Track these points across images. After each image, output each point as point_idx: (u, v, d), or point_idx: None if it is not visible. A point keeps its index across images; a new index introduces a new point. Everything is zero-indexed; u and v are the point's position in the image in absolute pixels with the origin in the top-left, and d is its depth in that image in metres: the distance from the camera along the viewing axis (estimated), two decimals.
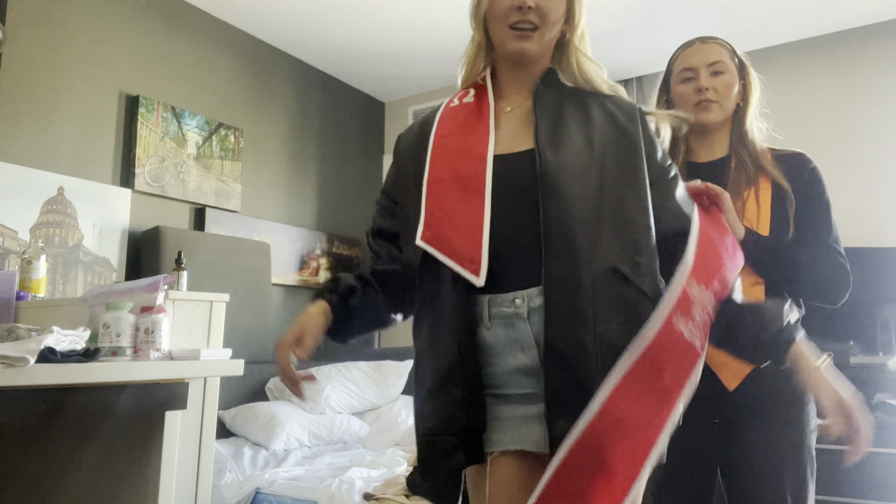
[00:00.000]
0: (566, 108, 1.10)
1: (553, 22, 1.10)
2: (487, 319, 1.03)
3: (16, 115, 2.67)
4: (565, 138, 1.05)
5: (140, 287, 1.71)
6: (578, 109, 1.10)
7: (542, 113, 1.08)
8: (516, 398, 1.02)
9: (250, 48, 3.72)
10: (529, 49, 1.10)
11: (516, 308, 1.01)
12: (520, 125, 1.11)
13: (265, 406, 2.95)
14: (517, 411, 1.02)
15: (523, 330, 1.01)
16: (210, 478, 1.84)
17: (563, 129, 1.07)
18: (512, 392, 1.03)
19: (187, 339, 1.81)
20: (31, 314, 2.04)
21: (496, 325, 1.03)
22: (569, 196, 1.00)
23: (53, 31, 2.82)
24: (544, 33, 1.10)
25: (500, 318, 1.03)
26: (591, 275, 0.97)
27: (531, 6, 1.07)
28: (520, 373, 1.02)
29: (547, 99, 1.11)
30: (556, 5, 1.10)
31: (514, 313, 1.01)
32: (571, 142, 1.05)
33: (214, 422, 1.86)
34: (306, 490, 2.22)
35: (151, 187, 3.09)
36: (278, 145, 3.87)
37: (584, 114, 1.10)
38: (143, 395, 1.57)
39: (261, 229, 3.63)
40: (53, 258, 2.69)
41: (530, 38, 1.09)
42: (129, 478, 1.72)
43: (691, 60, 1.52)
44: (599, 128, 1.08)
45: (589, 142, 1.06)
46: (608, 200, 1.02)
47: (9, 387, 1.29)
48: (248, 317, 3.24)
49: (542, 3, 1.08)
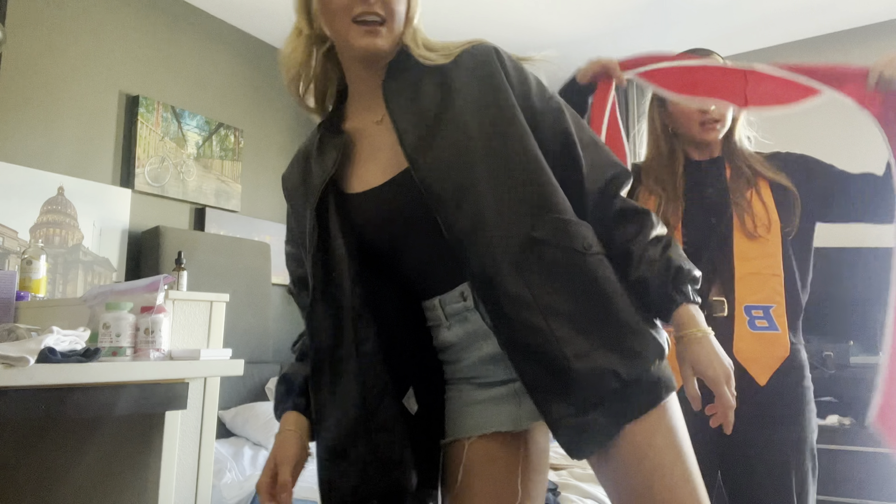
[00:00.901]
0: (420, 88, 0.98)
1: (400, 14, 0.98)
2: (445, 319, 1.01)
3: (16, 115, 2.67)
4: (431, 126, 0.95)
5: (140, 287, 1.71)
6: (433, 85, 0.98)
7: (398, 109, 0.97)
8: (489, 384, 1.01)
9: (250, 48, 3.72)
10: (382, 45, 0.96)
11: (465, 302, 0.98)
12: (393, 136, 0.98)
13: (265, 406, 2.95)
14: (486, 394, 1.01)
15: (477, 321, 0.98)
16: (210, 478, 1.84)
17: (425, 115, 0.96)
18: (485, 380, 1.01)
19: (187, 339, 1.81)
20: (31, 314, 2.04)
21: (454, 322, 1.01)
22: (455, 197, 0.91)
23: (53, 31, 2.82)
24: (392, 27, 0.97)
25: (455, 314, 1.00)
26: (511, 256, 0.90)
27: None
28: (489, 361, 0.99)
29: (397, 93, 0.99)
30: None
31: (465, 307, 0.98)
32: (439, 126, 0.95)
33: (214, 422, 1.86)
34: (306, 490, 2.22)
35: (151, 187, 3.09)
36: (278, 145, 3.87)
37: (443, 83, 0.98)
38: (143, 395, 1.57)
39: (261, 229, 3.63)
40: (53, 258, 2.69)
41: (379, 33, 0.96)
42: (129, 478, 1.72)
43: None
44: (463, 94, 0.96)
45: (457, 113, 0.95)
46: (496, 172, 0.93)
47: (9, 387, 1.29)
48: (248, 317, 3.24)
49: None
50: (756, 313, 1.41)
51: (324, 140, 1.04)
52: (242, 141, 3.60)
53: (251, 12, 3.50)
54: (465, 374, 1.03)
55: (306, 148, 1.10)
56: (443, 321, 1.02)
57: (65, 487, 1.85)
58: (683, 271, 0.95)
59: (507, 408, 0.99)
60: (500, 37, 3.72)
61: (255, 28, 3.68)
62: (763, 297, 1.42)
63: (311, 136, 1.10)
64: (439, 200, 0.92)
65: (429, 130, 0.94)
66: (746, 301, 1.42)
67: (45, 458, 1.91)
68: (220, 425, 2.69)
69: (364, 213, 0.99)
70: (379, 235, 0.99)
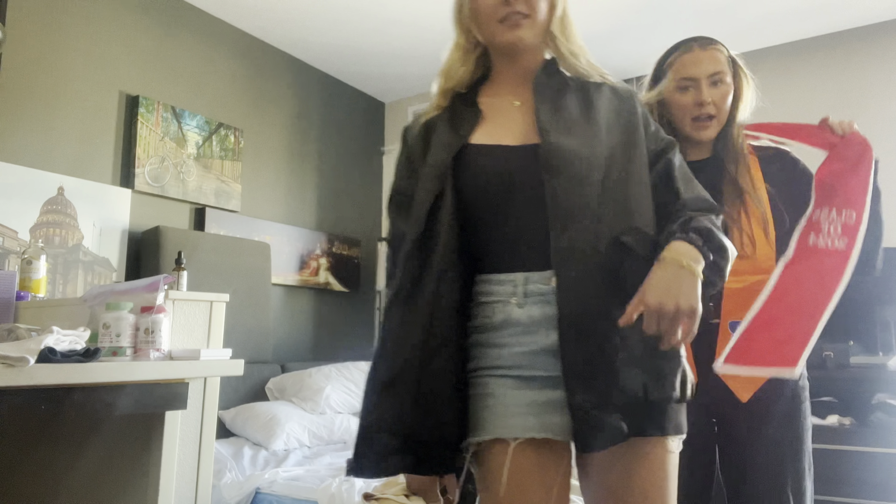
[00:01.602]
0: (566, 93, 1.11)
1: (542, 9, 1.08)
2: (523, 296, 1.02)
3: (16, 115, 2.67)
4: (566, 121, 1.06)
5: (140, 287, 1.71)
6: (578, 94, 1.11)
7: (542, 100, 1.09)
8: (538, 381, 1.00)
9: (250, 48, 3.72)
10: (524, 36, 1.08)
11: (552, 286, 1.00)
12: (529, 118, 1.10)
13: (265, 406, 2.95)
14: (539, 396, 0.99)
15: (553, 309, 1.00)
16: (210, 478, 1.84)
17: (563, 113, 1.07)
18: (533, 374, 1.01)
19: (187, 339, 1.81)
20: (31, 314, 2.04)
21: (531, 302, 1.02)
22: (568, 175, 1.01)
23: (53, 31, 2.82)
24: (535, 20, 1.08)
25: (536, 294, 1.02)
26: (597, 248, 0.99)
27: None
28: (547, 353, 1.00)
29: (546, 87, 1.11)
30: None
31: (551, 290, 1.00)
32: (573, 124, 1.06)
33: (214, 422, 1.86)
34: (306, 490, 2.22)
35: (151, 187, 3.09)
36: (278, 145, 3.87)
37: (585, 98, 1.11)
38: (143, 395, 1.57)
39: (261, 229, 3.63)
40: (53, 258, 2.69)
41: (521, 25, 1.07)
42: (129, 478, 1.72)
43: (692, 70, 1.46)
44: (601, 112, 1.09)
45: (591, 124, 1.07)
46: (612, 179, 1.03)
47: (9, 387, 1.29)
48: (248, 317, 3.24)
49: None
50: None
51: (457, 109, 1.14)
52: (242, 141, 3.60)
53: (251, 12, 3.50)
54: (506, 362, 1.02)
55: (432, 112, 1.18)
56: (517, 298, 1.03)
57: (65, 487, 1.85)
58: (702, 227, 1.00)
59: (559, 417, 0.98)
60: None
61: (255, 28, 3.68)
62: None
63: (436, 104, 1.19)
64: (555, 172, 1.01)
65: (564, 125, 1.06)
66: (732, 317, 1.39)
67: (45, 458, 1.91)
68: (220, 425, 2.69)
69: (488, 159, 1.06)
70: (491, 188, 1.05)
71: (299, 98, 4.03)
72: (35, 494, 1.90)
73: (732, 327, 1.39)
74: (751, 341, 1.29)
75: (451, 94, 1.16)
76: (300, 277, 3.87)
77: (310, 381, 3.16)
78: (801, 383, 1.44)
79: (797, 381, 1.43)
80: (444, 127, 1.12)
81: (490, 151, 1.07)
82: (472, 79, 1.17)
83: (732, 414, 1.41)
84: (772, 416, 1.40)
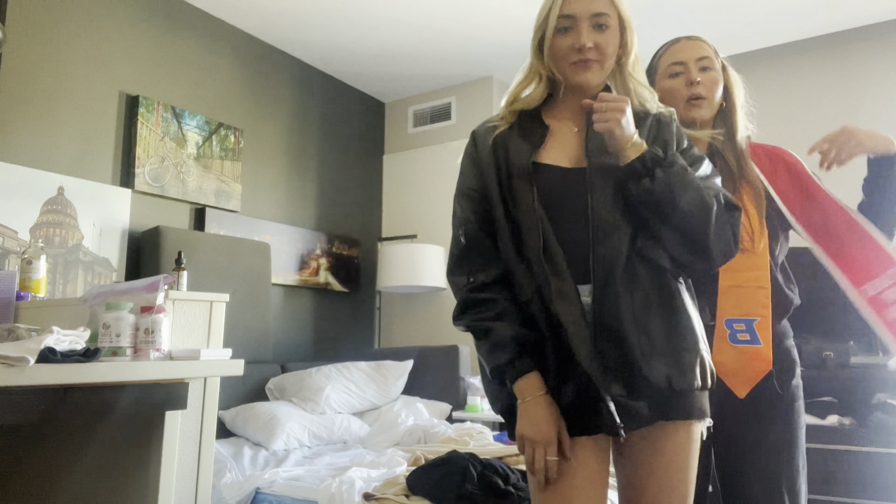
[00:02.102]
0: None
1: (610, 54, 1.23)
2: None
3: (16, 115, 2.67)
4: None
5: (140, 287, 1.71)
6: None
7: (594, 136, 1.22)
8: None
9: (250, 48, 3.72)
10: (591, 80, 1.23)
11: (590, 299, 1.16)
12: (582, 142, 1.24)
13: (265, 406, 2.95)
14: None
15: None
16: (210, 478, 1.84)
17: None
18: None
19: (187, 339, 1.81)
20: (31, 314, 2.04)
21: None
22: (610, 191, 1.16)
23: (53, 31, 2.82)
24: (604, 65, 1.23)
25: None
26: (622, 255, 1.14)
27: (590, 46, 1.19)
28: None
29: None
30: (611, 39, 1.22)
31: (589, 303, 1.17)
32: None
33: (214, 422, 1.86)
34: (306, 490, 2.22)
35: (151, 187, 3.09)
36: (278, 145, 3.87)
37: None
38: (143, 395, 1.57)
39: (261, 229, 3.63)
40: (53, 258, 2.69)
41: (591, 68, 1.22)
42: (129, 478, 1.72)
43: (680, 55, 1.51)
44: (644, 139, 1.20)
45: None
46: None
47: (9, 387, 1.30)
48: (248, 317, 3.24)
49: (599, 40, 1.20)
50: (738, 327, 1.39)
51: (525, 125, 1.27)
52: (242, 141, 3.60)
53: (251, 12, 3.50)
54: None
55: (502, 126, 1.29)
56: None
57: (65, 487, 1.85)
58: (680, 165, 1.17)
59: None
60: (501, 36, 3.73)
61: (255, 28, 3.68)
62: (746, 310, 1.39)
63: (506, 119, 1.30)
64: (598, 190, 1.17)
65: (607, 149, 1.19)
66: (728, 315, 1.39)
67: (45, 458, 1.91)
68: (220, 425, 2.69)
69: (548, 180, 1.20)
70: (549, 204, 1.18)
71: (299, 98, 4.03)
72: (35, 494, 1.90)
73: (728, 325, 1.40)
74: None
75: (518, 111, 1.29)
76: (300, 277, 3.87)
77: (310, 381, 3.16)
78: (795, 383, 1.44)
79: (791, 381, 1.43)
80: (517, 142, 1.25)
81: (549, 171, 1.21)
82: (541, 101, 1.29)
83: (727, 414, 1.41)
84: (766, 415, 1.40)
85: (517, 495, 1.95)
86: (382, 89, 4.52)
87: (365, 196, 4.49)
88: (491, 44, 3.82)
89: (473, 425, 3.00)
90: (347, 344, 4.15)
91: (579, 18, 1.20)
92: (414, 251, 3.97)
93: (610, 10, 1.22)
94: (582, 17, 1.20)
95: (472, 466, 2.03)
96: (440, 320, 4.24)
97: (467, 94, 4.37)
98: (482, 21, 3.53)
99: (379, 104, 4.69)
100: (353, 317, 4.26)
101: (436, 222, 4.32)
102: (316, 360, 3.71)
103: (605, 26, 1.21)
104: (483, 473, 2.01)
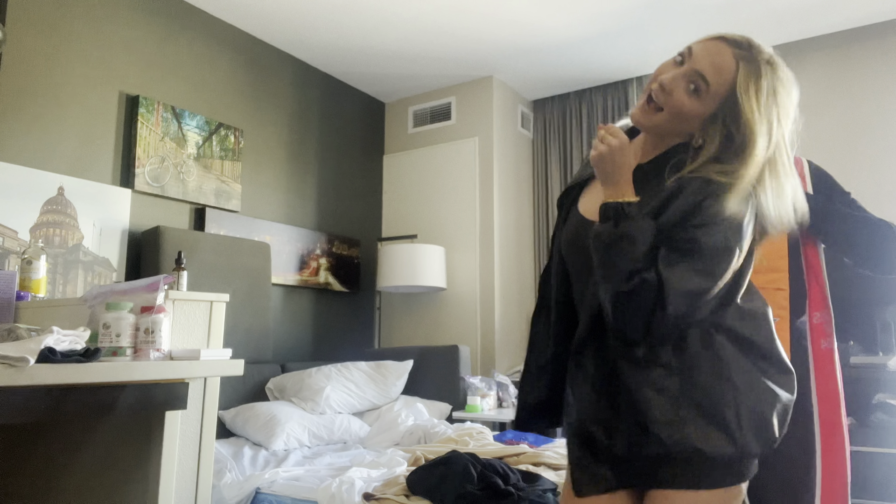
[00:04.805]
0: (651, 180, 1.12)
1: (677, 110, 1.09)
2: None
3: (16, 115, 2.67)
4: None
5: (140, 287, 1.71)
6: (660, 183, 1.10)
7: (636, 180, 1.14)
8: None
9: (250, 48, 3.72)
10: (636, 117, 1.14)
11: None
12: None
13: (265, 406, 2.95)
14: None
15: None
16: (210, 478, 1.84)
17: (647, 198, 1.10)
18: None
19: (187, 339, 1.81)
20: (31, 314, 2.04)
21: None
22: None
23: (53, 31, 2.82)
24: (664, 115, 1.11)
25: None
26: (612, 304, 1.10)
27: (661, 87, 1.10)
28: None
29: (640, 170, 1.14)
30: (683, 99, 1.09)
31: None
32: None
33: (214, 422, 1.86)
34: (306, 490, 2.22)
35: (151, 187, 3.09)
36: (278, 145, 3.87)
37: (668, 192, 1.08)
38: (143, 395, 1.57)
39: (261, 229, 3.63)
40: (53, 258, 2.69)
41: (646, 111, 1.12)
42: (129, 478, 1.72)
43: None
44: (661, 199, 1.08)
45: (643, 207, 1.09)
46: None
47: (9, 387, 1.30)
48: (248, 317, 3.24)
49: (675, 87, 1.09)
50: None
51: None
52: (242, 141, 3.60)
53: (251, 12, 3.50)
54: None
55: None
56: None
57: (65, 487, 1.85)
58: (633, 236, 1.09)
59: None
60: (501, 36, 3.73)
61: (255, 28, 3.68)
62: None
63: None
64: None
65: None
66: None
67: (45, 458, 1.91)
68: (220, 425, 2.69)
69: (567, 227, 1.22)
70: (569, 256, 1.21)
71: (299, 98, 4.03)
72: (35, 494, 1.90)
73: None
74: None
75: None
76: (300, 277, 3.87)
77: (310, 381, 3.16)
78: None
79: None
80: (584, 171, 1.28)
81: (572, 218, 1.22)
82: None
83: None
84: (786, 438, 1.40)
85: (517, 495, 1.95)
86: (382, 89, 4.52)
87: (365, 196, 4.49)
88: (491, 44, 3.82)
89: (473, 425, 3.00)
90: (347, 344, 4.15)
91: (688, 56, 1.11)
92: (414, 251, 3.97)
93: (713, 79, 1.08)
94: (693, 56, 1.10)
95: (472, 466, 2.03)
96: (440, 320, 4.24)
97: (467, 94, 4.37)
98: (482, 21, 3.53)
99: (379, 104, 4.69)
100: (353, 317, 4.27)
101: (436, 222, 4.32)
102: (316, 360, 3.71)
103: (699, 90, 1.08)
104: (483, 473, 2.02)
